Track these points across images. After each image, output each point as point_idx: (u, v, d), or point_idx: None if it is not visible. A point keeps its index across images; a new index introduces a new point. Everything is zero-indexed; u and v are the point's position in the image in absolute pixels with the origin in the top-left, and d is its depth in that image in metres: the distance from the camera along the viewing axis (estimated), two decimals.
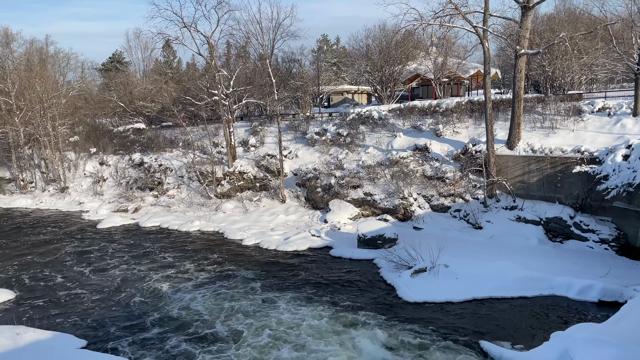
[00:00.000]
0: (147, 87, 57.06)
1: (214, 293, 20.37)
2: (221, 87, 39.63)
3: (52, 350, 15.39)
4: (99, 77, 74.93)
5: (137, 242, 29.44)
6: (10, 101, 46.73)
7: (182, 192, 40.27)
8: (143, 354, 15.38)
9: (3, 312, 19.42)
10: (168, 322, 17.72)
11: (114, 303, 19.89)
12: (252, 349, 15.43)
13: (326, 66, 64.85)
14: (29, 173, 48.16)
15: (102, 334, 17.04)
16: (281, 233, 29.41)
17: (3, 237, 32.12)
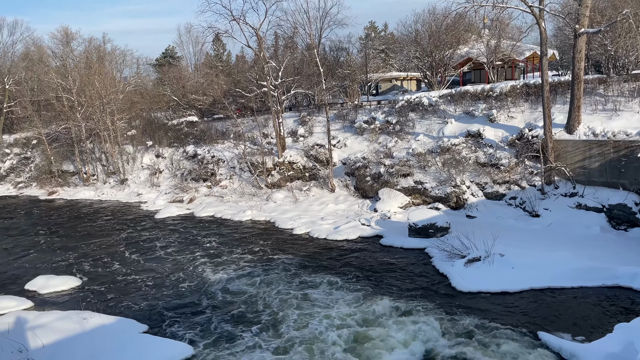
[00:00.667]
0: (198, 81, 58.51)
1: (266, 280, 20.75)
2: (270, 78, 40.02)
3: (116, 335, 16.18)
4: (153, 72, 77.54)
5: (192, 231, 30.39)
6: (72, 98, 49.16)
7: (234, 182, 41.15)
8: (199, 339, 15.91)
9: (70, 297, 20.60)
10: (222, 308, 18.22)
11: (172, 289, 20.66)
12: (305, 335, 15.62)
13: (374, 53, 64.09)
14: (91, 166, 50.62)
15: (161, 319, 17.76)
16: (331, 222, 29.52)
17: (69, 226, 33.99)
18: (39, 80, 58.77)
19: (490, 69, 44.33)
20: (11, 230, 33.96)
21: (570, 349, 13.40)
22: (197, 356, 14.82)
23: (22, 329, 16.86)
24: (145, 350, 14.97)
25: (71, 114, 49.64)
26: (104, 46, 62.39)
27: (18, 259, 26.71)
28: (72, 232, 32.42)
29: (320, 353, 14.55)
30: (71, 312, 18.16)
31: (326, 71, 42.94)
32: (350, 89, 48.08)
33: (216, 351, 15.05)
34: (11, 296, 20.57)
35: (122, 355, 14.69)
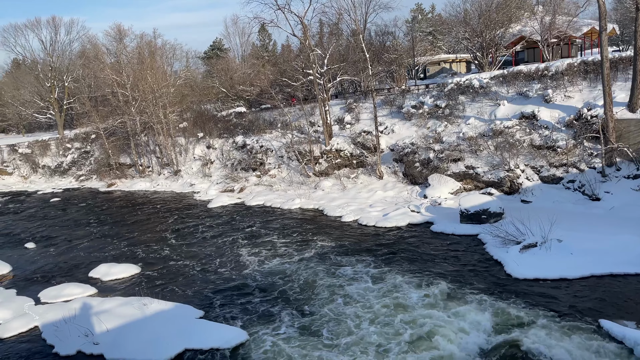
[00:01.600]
0: (245, 72, 59.27)
1: (316, 268, 20.90)
2: (315, 66, 39.96)
3: (175, 320, 16.81)
4: (202, 65, 79.24)
5: (244, 220, 31.01)
6: (126, 93, 51.03)
7: (282, 171, 41.59)
8: (253, 324, 16.27)
9: (130, 284, 21.55)
10: (273, 295, 18.54)
11: (225, 276, 21.20)
12: (354, 322, 15.67)
13: (421, 36, 62.69)
14: (146, 158, 52.52)
15: (215, 304, 18.28)
16: (380, 209, 29.32)
17: (127, 217, 35.49)
18: (95, 77, 61.32)
19: (545, 47, 42.36)
20: (75, 221, 35.82)
21: (634, 337, 12.78)
22: (251, 341, 15.18)
23: (88, 314, 17.82)
24: (203, 335, 15.48)
25: (126, 108, 51.55)
26: (155, 41, 64.26)
27: (82, 248, 28.17)
28: (130, 222, 33.82)
29: (375, 341, 14.54)
30: (132, 298, 19.01)
31: (372, 56, 42.40)
32: (397, 74, 47.32)
33: (268, 336, 15.34)
34: (76, 283, 21.74)
35: (183, 340, 15.23)
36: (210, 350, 14.78)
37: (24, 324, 17.88)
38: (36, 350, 16.14)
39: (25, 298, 20.56)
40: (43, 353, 15.87)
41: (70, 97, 69.23)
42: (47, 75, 68.04)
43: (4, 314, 18.91)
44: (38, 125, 78.01)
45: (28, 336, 17.25)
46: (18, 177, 61.41)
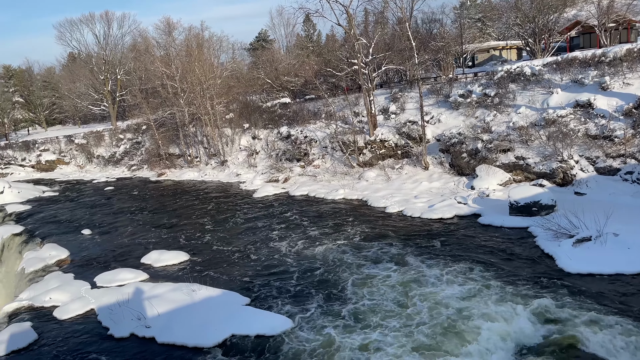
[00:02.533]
0: (290, 62, 59.56)
1: (360, 258, 20.87)
2: (360, 55, 39.60)
3: (222, 306, 17.24)
4: (247, 57, 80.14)
5: (288, 210, 31.32)
6: (175, 85, 52.35)
7: (326, 162, 41.64)
8: (297, 312, 16.45)
9: (180, 271, 22.24)
10: (316, 284, 18.66)
11: (270, 264, 21.51)
12: (398, 314, 15.57)
13: (470, 23, 60.94)
14: (194, 149, 53.83)
15: (261, 292, 18.61)
16: (425, 200, 28.89)
17: (176, 206, 36.55)
18: (145, 70, 63.17)
19: (602, 32, 40.29)
20: (127, 209, 37.23)
21: None
22: (295, 329, 15.37)
23: (140, 298, 18.55)
24: (249, 322, 15.81)
25: (175, 100, 52.92)
26: (202, 34, 65.36)
27: (134, 235, 29.28)
28: (179, 210, 34.83)
29: (419, 334, 14.42)
30: (182, 284, 19.61)
31: (418, 45, 41.57)
32: (444, 62, 46.27)
33: (313, 325, 15.48)
34: (129, 269, 22.64)
35: (231, 326, 15.62)
36: (256, 337, 15.09)
37: (81, 307, 18.82)
38: (92, 331, 16.96)
39: (82, 282, 21.60)
40: (99, 335, 16.66)
41: (122, 90, 71.75)
42: (101, 68, 70.72)
43: (63, 297, 19.96)
44: (93, 117, 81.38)
45: (85, 318, 18.15)
46: (75, 167, 64.45)
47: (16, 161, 65.49)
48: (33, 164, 65.26)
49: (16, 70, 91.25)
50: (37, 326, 17.63)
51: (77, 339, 16.53)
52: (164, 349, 15.16)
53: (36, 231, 32.90)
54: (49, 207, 41.03)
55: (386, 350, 13.69)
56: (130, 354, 15.10)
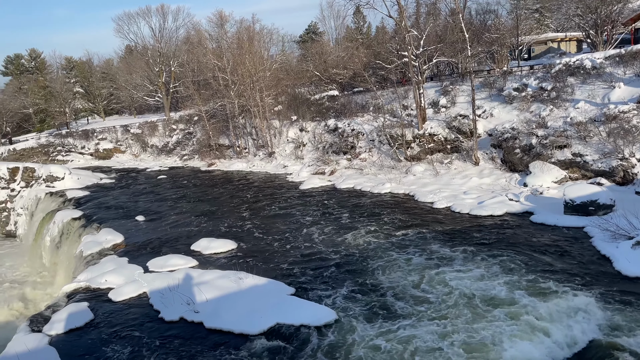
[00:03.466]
0: (339, 55, 59.36)
1: (405, 253, 20.66)
2: (411, 47, 38.96)
3: (268, 295, 17.53)
4: (297, 49, 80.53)
5: (334, 202, 31.37)
6: (226, 77, 53.33)
7: (373, 155, 41.37)
8: (341, 305, 16.50)
9: (228, 259, 22.75)
10: (361, 277, 18.63)
11: (316, 256, 21.65)
12: (441, 312, 15.33)
13: (526, 14, 58.67)
14: (243, 140, 54.78)
15: (305, 282, 18.78)
16: (474, 197, 28.19)
17: (225, 195, 37.37)
18: (198, 62, 64.65)
19: None
20: (179, 197, 38.40)
21: None
22: (339, 322, 15.42)
23: (189, 284, 19.12)
24: (294, 312, 15.98)
25: (226, 92, 53.94)
26: (253, 26, 66.06)
27: (185, 222, 30.18)
28: (228, 200, 35.60)
29: (464, 332, 14.15)
30: (229, 272, 20.07)
31: (472, 37, 40.43)
32: (498, 55, 44.85)
33: (357, 319, 15.49)
34: (180, 255, 23.37)
35: (276, 314, 15.86)
36: (300, 327, 15.25)
37: (134, 290, 19.61)
38: (144, 314, 17.65)
39: (136, 266, 22.48)
40: (150, 317, 17.31)
41: (175, 81, 73.78)
42: (156, 60, 72.94)
43: (118, 280, 20.86)
44: (147, 108, 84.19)
45: (137, 301, 18.91)
46: (130, 155, 67.01)
47: (76, 149, 68.75)
48: (91, 152, 68.34)
49: (77, 61, 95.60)
50: (93, 306, 18.52)
51: (130, 320, 17.25)
52: (212, 334, 15.59)
53: (94, 216, 34.49)
54: (105, 193, 42.91)
55: (431, 347, 13.51)
56: (180, 337, 15.62)
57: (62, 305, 19.16)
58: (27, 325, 17.55)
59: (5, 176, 48.84)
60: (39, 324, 17.48)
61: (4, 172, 48.90)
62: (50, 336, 16.33)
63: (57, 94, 77.60)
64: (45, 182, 47.26)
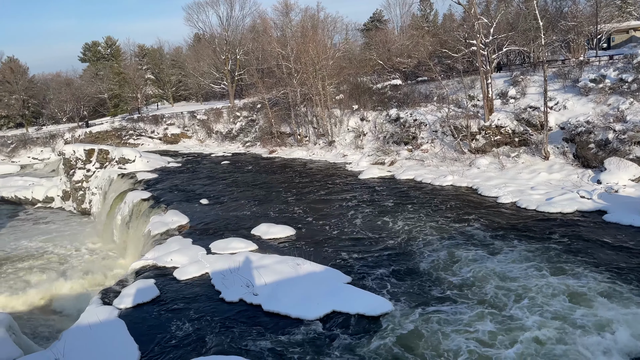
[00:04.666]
0: (403, 43, 58.31)
1: (466, 247, 20.12)
2: (480, 36, 37.55)
3: (324, 282, 17.66)
4: (360, 38, 79.89)
5: (393, 193, 31.03)
6: (290, 65, 53.83)
7: (435, 146, 40.45)
8: (397, 296, 16.35)
9: (287, 244, 23.11)
10: (418, 270, 18.37)
11: (372, 246, 21.56)
12: (500, 311, 14.81)
13: (607, 1, 54.87)
14: (304, 128, 55.21)
15: (362, 272, 18.76)
16: (542, 192, 26.94)
17: (285, 182, 37.88)
18: (262, 50, 65.66)
19: None
20: (241, 183, 39.38)
21: None
22: (395, 313, 15.28)
23: (249, 267, 19.61)
24: (350, 300, 16.02)
25: (289, 80, 54.47)
26: (318, 15, 66.28)
27: (246, 207, 30.93)
28: (287, 186, 36.08)
29: (519, 330, 13.62)
30: (287, 257, 20.39)
31: (546, 24, 38.41)
32: (574, 44, 42.32)
33: (414, 311, 15.29)
34: (240, 238, 24.00)
35: (332, 302, 15.96)
36: (356, 315, 15.28)
37: (197, 270, 20.38)
38: (206, 293, 18.31)
39: (199, 247, 23.32)
40: (211, 297, 17.94)
41: (240, 69, 75.37)
42: (223, 48, 74.75)
43: (182, 259, 21.74)
44: (213, 95, 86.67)
45: (200, 280, 19.64)
46: (196, 141, 69.40)
47: (146, 133, 72.06)
48: (160, 136, 71.38)
49: (149, 49, 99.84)
50: (159, 283, 19.42)
51: (192, 298, 17.96)
52: (269, 316, 15.93)
53: (161, 197, 36.07)
54: (172, 176, 44.74)
55: (488, 344, 13.12)
56: (239, 318, 16.08)
57: (130, 281, 20.23)
58: (99, 298, 18.70)
59: (82, 157, 52.01)
60: (110, 297, 18.57)
61: (80, 154, 52.09)
62: (119, 309, 17.31)
63: (130, 80, 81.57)
64: (118, 164, 49.89)
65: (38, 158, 77.07)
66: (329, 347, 13.83)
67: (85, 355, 13.72)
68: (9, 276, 33.97)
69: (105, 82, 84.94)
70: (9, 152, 78.69)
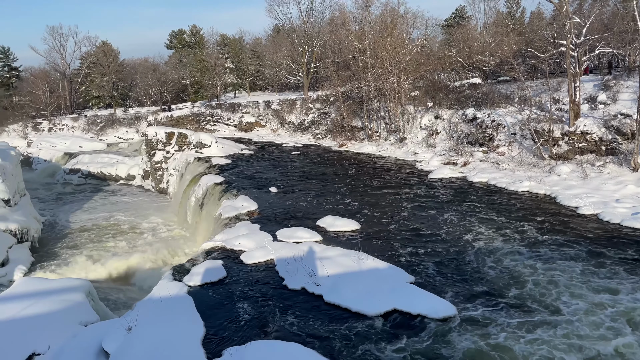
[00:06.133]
0: (486, 41, 56.28)
1: (537, 258, 19.16)
2: (570, 36, 35.41)
3: (387, 279, 17.49)
4: (440, 34, 77.92)
5: (463, 195, 30.13)
6: (366, 59, 53.57)
7: (512, 150, 38.76)
8: (461, 302, 15.90)
9: (351, 238, 23.14)
10: (486, 278, 17.75)
11: (438, 248, 21.07)
12: (573, 328, 13.98)
13: None
14: (376, 123, 54.83)
15: (426, 273, 18.42)
16: (629, 206, 25.07)
17: (352, 176, 37.89)
18: (339, 43, 65.75)
19: None
20: (309, 174, 39.86)
21: None
22: (458, 318, 14.88)
23: (312, 257, 19.83)
24: (412, 300, 15.76)
25: (364, 74, 54.24)
26: (398, 9, 65.19)
27: (312, 198, 31.28)
28: (354, 180, 36.07)
29: (589, 350, 12.80)
30: (351, 251, 20.40)
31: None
32: None
33: (476, 320, 14.81)
34: (306, 229, 24.30)
35: (393, 299, 15.79)
36: (417, 316, 15.02)
37: (263, 255, 20.91)
38: (270, 279, 18.75)
39: (266, 233, 23.88)
40: (275, 283, 18.35)
41: (316, 62, 76.05)
42: (301, 40, 75.75)
43: (249, 244, 22.39)
44: (288, 86, 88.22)
45: (265, 266, 20.14)
46: (269, 130, 71.01)
47: (223, 120, 74.66)
48: (235, 124, 73.70)
49: (230, 39, 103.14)
50: (227, 265, 20.12)
51: (257, 283, 18.47)
52: (330, 308, 16.04)
53: (233, 183, 37.30)
54: (244, 163, 46.10)
55: None
56: (300, 306, 16.34)
57: (200, 260, 21.12)
58: (170, 273, 19.69)
59: (163, 139, 54.82)
60: (180, 274, 19.50)
61: (161, 136, 54.92)
62: (188, 286, 18.14)
63: (211, 68, 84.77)
64: (195, 147, 52.12)
65: (123, 137, 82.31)
66: (388, 344, 13.72)
67: (156, 326, 14.51)
68: (93, 245, 36.65)
69: (188, 69, 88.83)
70: (97, 130, 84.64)
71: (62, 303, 16.63)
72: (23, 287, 18.02)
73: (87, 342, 14.04)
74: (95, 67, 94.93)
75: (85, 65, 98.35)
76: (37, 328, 14.80)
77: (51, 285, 18.43)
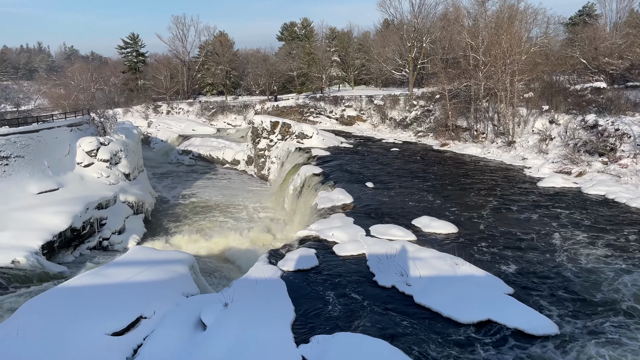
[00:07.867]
0: (615, 42, 51.23)
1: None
2: None
3: (483, 288, 16.65)
4: (563, 32, 72.39)
5: (576, 208, 27.83)
6: (477, 57, 51.29)
7: (637, 162, 35.02)
8: (565, 320, 14.72)
9: (446, 241, 22.40)
10: (592, 297, 16.28)
11: (542, 260, 19.70)
12: None
13: None
14: (482, 124, 52.42)
15: (527, 286, 17.33)
16: None
17: (453, 177, 36.59)
18: (450, 40, 63.59)
19: None
20: (407, 172, 39.18)
21: None
22: (560, 337, 13.82)
23: (405, 256, 19.50)
24: (509, 313, 14.87)
25: (474, 72, 52.00)
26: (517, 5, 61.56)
27: (409, 197, 30.72)
28: (455, 182, 34.81)
29: None
30: (446, 254, 19.75)
31: None
32: None
33: (580, 339, 13.65)
34: (400, 227, 23.96)
35: (488, 310, 14.99)
36: (514, 330, 14.18)
37: (355, 249, 20.97)
38: (361, 273, 18.76)
39: (359, 227, 23.92)
40: (365, 278, 18.32)
41: (424, 58, 74.28)
42: (410, 35, 74.37)
43: (342, 236, 22.57)
44: (392, 81, 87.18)
45: (356, 259, 20.18)
46: (369, 125, 70.86)
47: (325, 112, 75.80)
48: (337, 117, 74.47)
49: (339, 32, 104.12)
50: (319, 254, 20.46)
51: (348, 275, 18.56)
52: (419, 310, 15.67)
53: (330, 175, 37.78)
54: (343, 156, 46.46)
55: None
56: (390, 304, 16.15)
57: (294, 247, 21.70)
58: (266, 257, 20.46)
59: (268, 128, 56.96)
60: (275, 258, 20.19)
61: (267, 125, 57.09)
62: (282, 270, 18.72)
63: (318, 61, 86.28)
64: (297, 138, 53.51)
65: (231, 124, 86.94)
66: (479, 356, 13.11)
67: (250, 305, 15.15)
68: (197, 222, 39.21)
69: (296, 61, 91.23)
70: (209, 115, 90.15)
71: (168, 273, 17.97)
72: (136, 255, 19.73)
73: (187, 313, 15.04)
74: (212, 56, 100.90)
75: (203, 54, 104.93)
76: (145, 294, 16.12)
77: (160, 256, 19.99)
